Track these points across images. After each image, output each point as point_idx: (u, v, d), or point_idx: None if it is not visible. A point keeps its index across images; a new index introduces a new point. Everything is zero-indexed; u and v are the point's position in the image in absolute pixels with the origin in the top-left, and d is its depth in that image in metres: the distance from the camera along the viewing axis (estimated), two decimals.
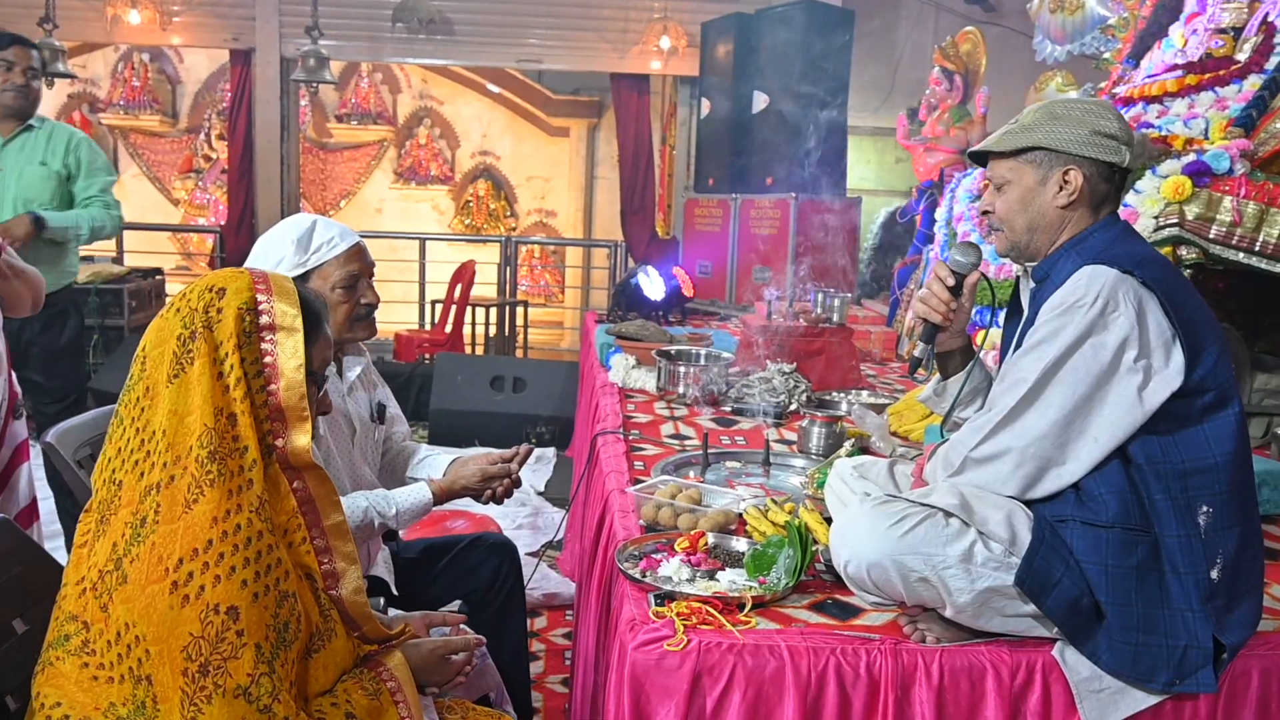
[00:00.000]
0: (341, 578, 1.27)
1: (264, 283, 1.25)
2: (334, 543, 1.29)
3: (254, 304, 1.22)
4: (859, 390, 3.42)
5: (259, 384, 1.20)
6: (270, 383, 1.21)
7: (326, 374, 1.37)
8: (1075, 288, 1.49)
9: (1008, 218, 1.63)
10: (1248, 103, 2.91)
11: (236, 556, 1.11)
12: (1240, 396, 1.49)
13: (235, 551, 1.11)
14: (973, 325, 1.87)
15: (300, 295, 1.27)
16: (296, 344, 1.23)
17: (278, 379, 1.21)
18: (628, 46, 7.19)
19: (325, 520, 1.28)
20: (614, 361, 3.50)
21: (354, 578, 1.27)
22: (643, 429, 2.86)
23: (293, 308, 1.24)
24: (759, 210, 6.25)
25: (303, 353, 1.23)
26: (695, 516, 1.91)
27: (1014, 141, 1.59)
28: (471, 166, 10.09)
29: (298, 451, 1.22)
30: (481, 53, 7.35)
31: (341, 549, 1.30)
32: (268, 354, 1.21)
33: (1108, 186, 1.60)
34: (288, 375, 1.21)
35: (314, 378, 1.29)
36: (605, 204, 9.50)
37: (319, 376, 1.32)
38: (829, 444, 2.57)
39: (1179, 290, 1.50)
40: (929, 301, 1.75)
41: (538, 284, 9.92)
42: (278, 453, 1.23)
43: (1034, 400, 1.50)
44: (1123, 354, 1.46)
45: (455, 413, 5.35)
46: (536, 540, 4.04)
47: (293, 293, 1.26)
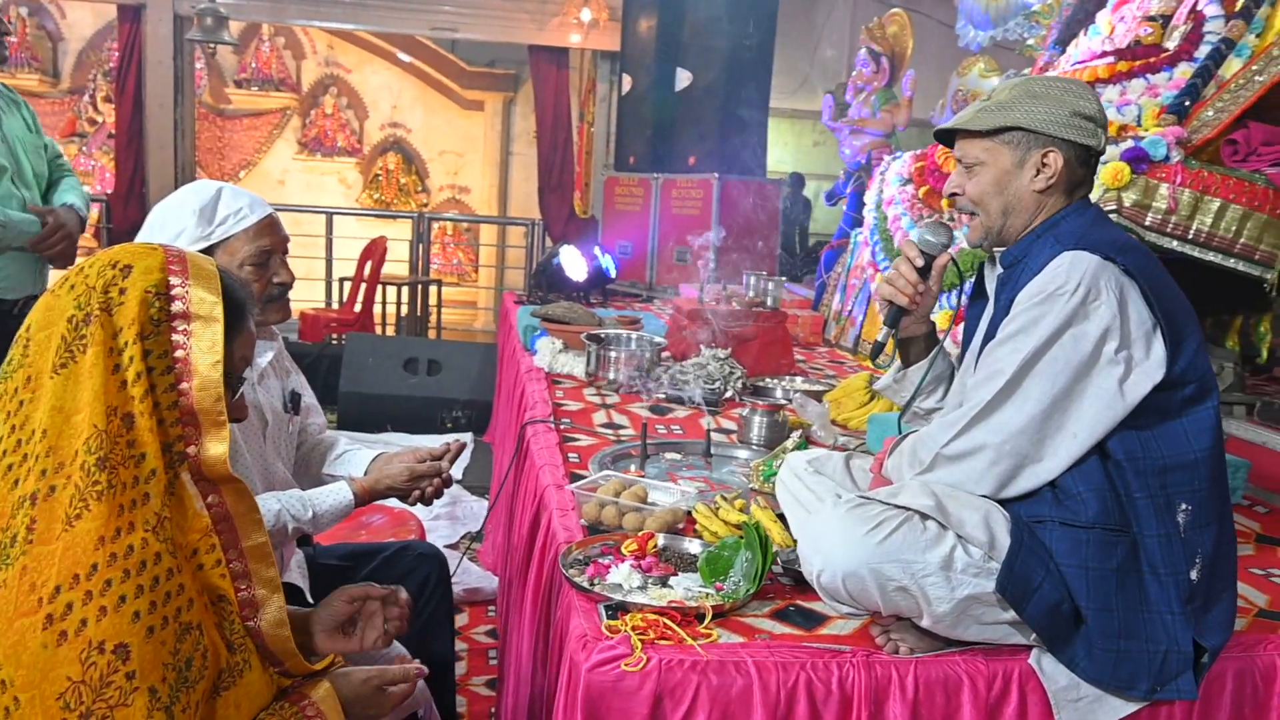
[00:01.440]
0: (261, 607, 1.09)
1: (179, 263, 1.07)
2: (254, 566, 1.11)
3: (165, 287, 1.04)
4: (792, 376, 3.34)
5: (167, 381, 1.02)
6: (181, 380, 1.02)
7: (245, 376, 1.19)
8: (1055, 274, 1.41)
9: (981, 201, 1.53)
10: (1180, 90, 2.92)
11: (127, 584, 0.93)
12: (1218, 388, 1.44)
13: (126, 578, 0.93)
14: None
15: (223, 281, 1.10)
16: (215, 337, 1.05)
17: (190, 376, 1.03)
18: (547, 18, 6.97)
19: (245, 541, 1.11)
20: (540, 345, 3.34)
21: (275, 608, 1.10)
22: (574, 417, 2.71)
23: (213, 295, 1.06)
24: (681, 190, 6.14)
25: (221, 348, 1.05)
26: (642, 516, 1.78)
27: (990, 120, 1.49)
28: (381, 139, 9.70)
29: (213, 461, 1.05)
30: (392, 18, 7.01)
31: (262, 574, 1.12)
32: (179, 347, 1.03)
33: (1084, 170, 1.52)
34: (202, 373, 1.03)
35: (231, 379, 1.11)
36: (521, 181, 9.26)
37: (237, 378, 1.14)
38: (771, 434, 2.47)
39: (1159, 279, 1.44)
40: (896, 283, 1.65)
41: (450, 262, 9.63)
42: (190, 462, 1.04)
43: (1011, 393, 1.41)
44: (1104, 345, 1.38)
45: (366, 396, 5.10)
46: (455, 531, 3.86)
47: (214, 277, 1.09)
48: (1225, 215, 2.70)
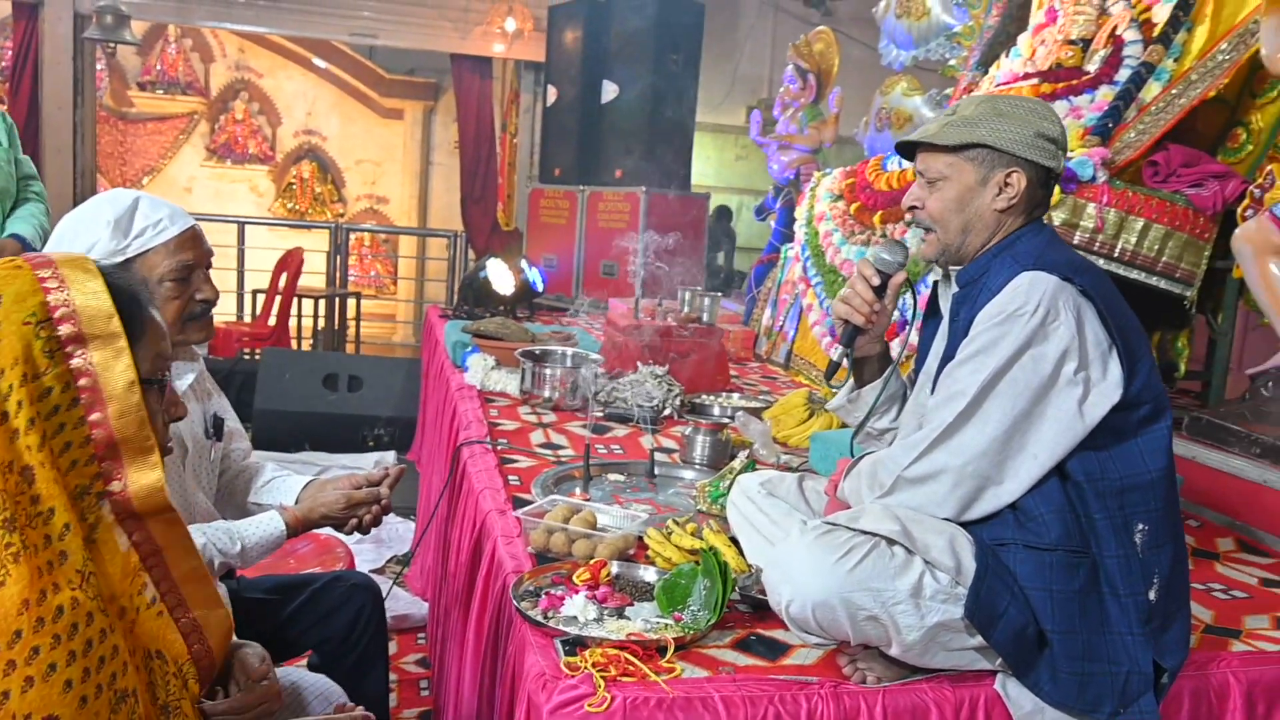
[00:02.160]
0: (205, 627, 0.99)
1: (54, 278, 0.93)
2: (188, 591, 1.01)
3: (47, 311, 0.91)
4: (729, 393, 3.31)
5: (74, 417, 0.90)
6: (91, 411, 0.91)
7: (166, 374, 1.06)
8: (1015, 295, 1.40)
9: (941, 217, 1.52)
10: (1103, 113, 2.99)
11: (57, 650, 0.82)
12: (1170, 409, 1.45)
13: (56, 644, 0.82)
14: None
15: (108, 281, 0.97)
16: (120, 353, 0.93)
17: (102, 405, 0.91)
18: (470, 27, 6.86)
19: (176, 570, 1.00)
20: (471, 362, 3.24)
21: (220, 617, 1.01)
22: (510, 437, 2.63)
23: (103, 304, 0.94)
24: (608, 203, 6.09)
25: (132, 365, 0.94)
26: (593, 543, 1.71)
27: (956, 136, 1.48)
28: (295, 146, 9.41)
29: (146, 491, 0.94)
30: (309, 23, 6.80)
31: (198, 595, 1.02)
32: (82, 374, 0.91)
33: (1043, 192, 1.52)
34: (119, 398, 0.92)
35: (150, 385, 0.99)
36: (442, 192, 9.09)
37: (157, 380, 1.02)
38: (714, 454, 2.43)
39: (1113, 299, 1.44)
40: (851, 302, 1.63)
41: (367, 274, 9.38)
42: (112, 500, 0.93)
43: (972, 415, 1.40)
44: (1063, 366, 1.38)
45: (283, 413, 4.90)
46: (381, 555, 3.72)
47: (96, 279, 0.95)
48: (1149, 234, 2.78)
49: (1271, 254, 2.30)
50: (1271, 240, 2.29)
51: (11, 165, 2.80)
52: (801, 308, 4.09)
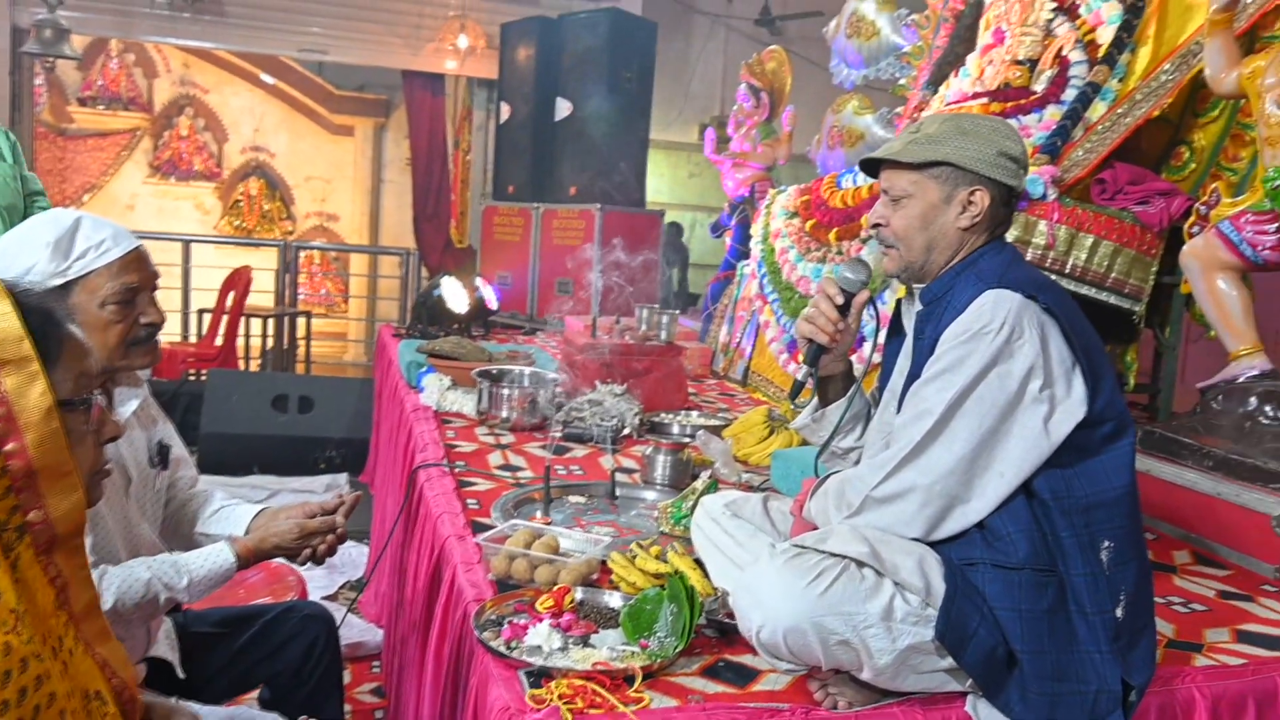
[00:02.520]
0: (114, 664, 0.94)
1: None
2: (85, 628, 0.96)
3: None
4: (687, 411, 3.29)
5: None
6: (6, 441, 0.85)
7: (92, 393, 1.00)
8: (980, 313, 1.40)
9: (905, 235, 1.52)
10: (1051, 131, 3.04)
11: None
12: (1134, 425, 1.46)
13: None
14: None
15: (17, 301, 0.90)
16: (33, 378, 0.87)
17: (18, 434, 0.86)
18: (421, 43, 6.80)
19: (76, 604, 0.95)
20: (427, 382, 3.19)
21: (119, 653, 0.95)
22: (469, 459, 2.58)
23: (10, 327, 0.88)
24: (562, 220, 6.07)
25: (47, 386, 0.88)
26: (555, 568, 1.67)
27: (920, 154, 1.48)
28: (242, 163, 9.24)
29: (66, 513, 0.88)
30: (256, 38, 6.70)
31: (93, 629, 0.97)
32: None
33: (1005, 211, 1.53)
34: (36, 425, 0.86)
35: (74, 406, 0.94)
36: (393, 209, 8.99)
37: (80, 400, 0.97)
38: (675, 473, 2.41)
39: (1075, 317, 1.45)
40: (816, 321, 1.62)
41: (317, 292, 9.23)
42: (33, 533, 0.88)
43: (939, 434, 1.39)
44: (1028, 383, 1.38)
45: (231, 436, 4.78)
46: (334, 581, 3.63)
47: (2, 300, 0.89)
48: (1098, 251, 2.83)
49: (1218, 269, 2.35)
50: (1218, 256, 2.34)
51: (17, 181, 2.75)
52: (758, 324, 4.09)
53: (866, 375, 1.83)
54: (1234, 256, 2.32)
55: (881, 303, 3.09)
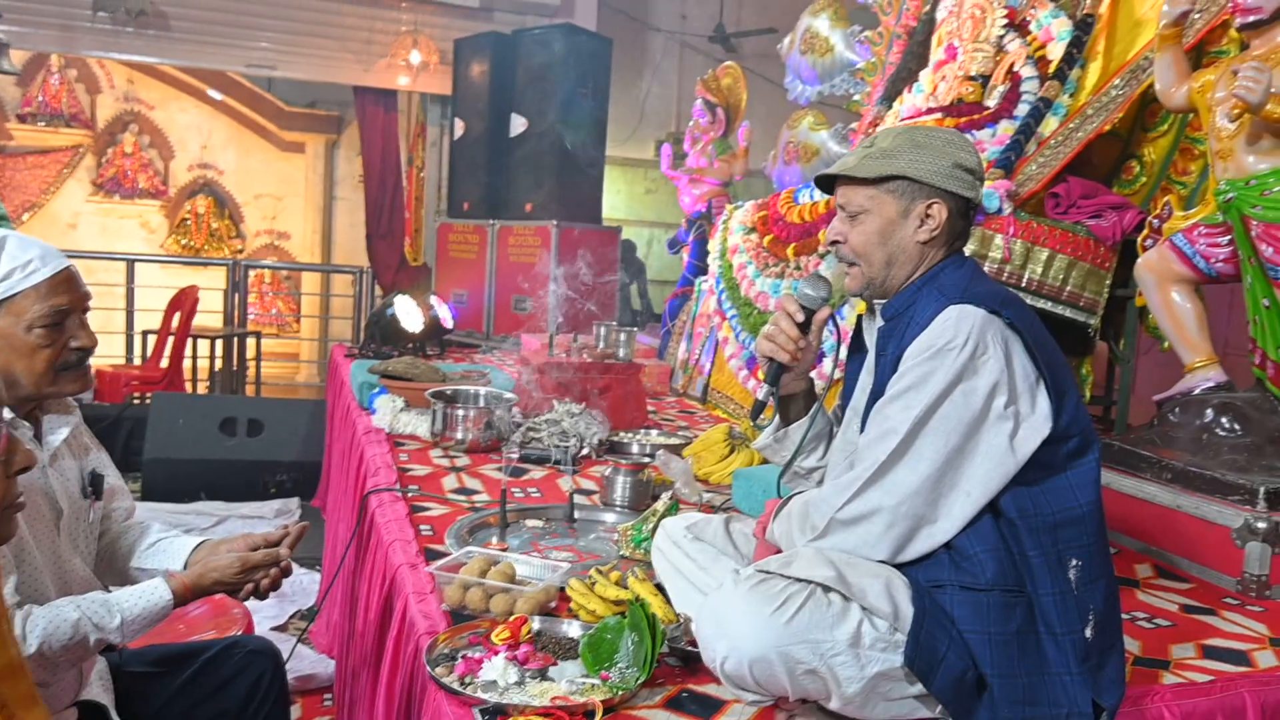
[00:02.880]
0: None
1: None
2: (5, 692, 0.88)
3: None
4: (646, 430, 3.25)
5: None
6: None
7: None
8: (944, 329, 1.38)
9: (865, 251, 1.49)
10: (1005, 146, 3.06)
11: None
12: (1098, 441, 1.44)
13: None
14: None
15: None
16: None
17: None
18: (373, 59, 6.72)
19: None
20: (379, 404, 3.10)
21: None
22: (422, 483, 2.51)
23: None
24: (518, 237, 6.01)
25: None
26: (511, 597, 1.61)
27: (875, 168, 1.46)
28: (189, 180, 9.04)
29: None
30: (202, 53, 6.55)
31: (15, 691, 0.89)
32: None
33: (963, 223, 1.51)
34: None
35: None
36: (346, 227, 8.85)
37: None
38: (635, 494, 2.35)
39: (1039, 332, 1.43)
40: (776, 339, 1.58)
41: (268, 312, 9.05)
42: None
43: (904, 453, 1.36)
44: (993, 400, 1.36)
45: (176, 462, 4.63)
46: (284, 610, 3.51)
47: None
48: (1053, 264, 2.84)
49: (1173, 282, 2.36)
50: (1172, 269, 2.35)
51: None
52: (717, 341, 4.07)
53: (829, 392, 1.80)
54: (1188, 269, 2.34)
55: (841, 318, 3.08)
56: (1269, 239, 2.09)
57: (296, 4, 6.42)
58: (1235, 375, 2.44)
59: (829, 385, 1.81)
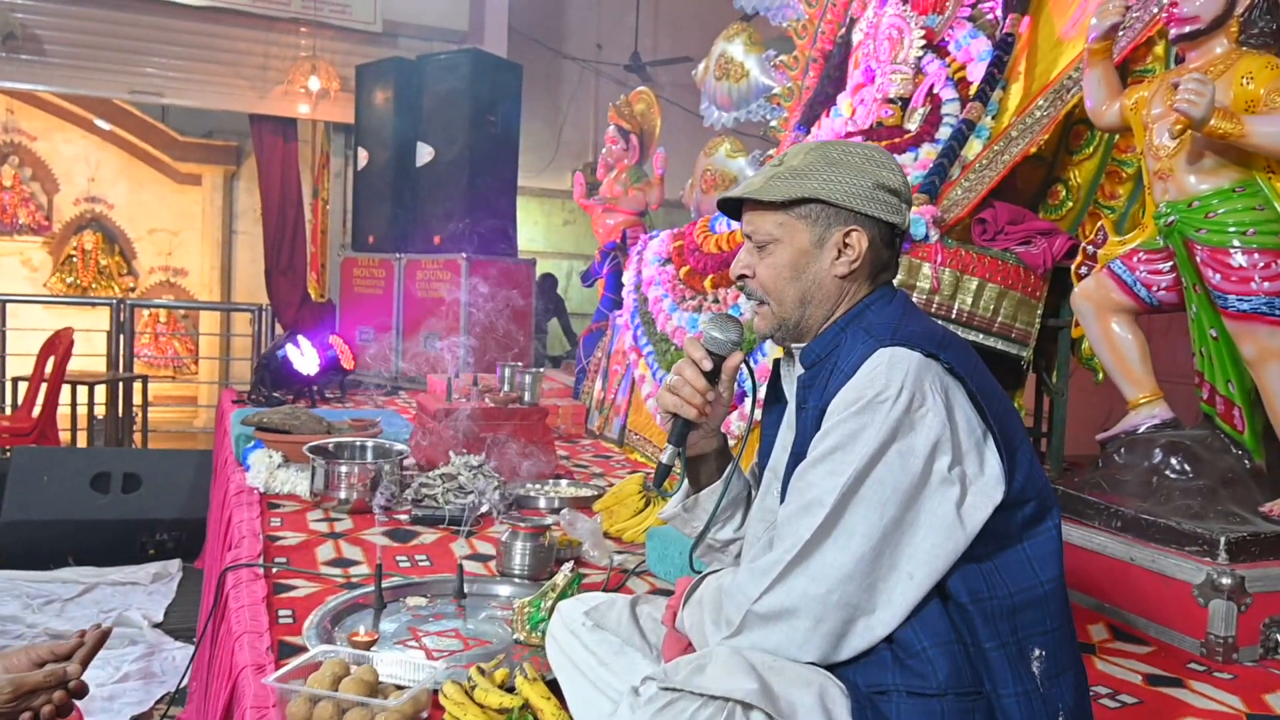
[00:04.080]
0: None
1: None
2: None
3: None
4: (556, 479, 2.97)
5: None
6: None
7: None
8: (873, 377, 1.15)
9: (775, 288, 1.26)
10: (928, 170, 2.90)
11: None
12: (1057, 505, 1.22)
13: None
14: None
15: None
16: None
17: None
18: (269, 86, 6.36)
19: None
20: (253, 460, 2.77)
21: None
22: (293, 554, 2.19)
23: None
24: (427, 271, 5.72)
25: None
26: (369, 712, 1.32)
27: (784, 190, 1.23)
28: (75, 215, 8.47)
29: None
30: (82, 79, 6.11)
31: None
32: None
33: (888, 252, 1.29)
34: None
35: None
36: (247, 262, 8.40)
37: None
38: (536, 561, 2.08)
39: (983, 376, 1.21)
40: (680, 392, 1.33)
41: (164, 354, 8.51)
42: None
43: (832, 529, 1.12)
44: (934, 461, 1.13)
45: (39, 524, 4.17)
46: (151, 692, 3.10)
47: None
48: (984, 294, 2.67)
49: (1112, 312, 2.19)
50: (1111, 297, 2.19)
51: None
52: (633, 379, 3.82)
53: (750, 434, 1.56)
54: (1128, 298, 2.17)
55: (762, 354, 2.86)
56: (1215, 264, 1.94)
57: (184, 28, 6.03)
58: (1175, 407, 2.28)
59: (750, 427, 1.56)
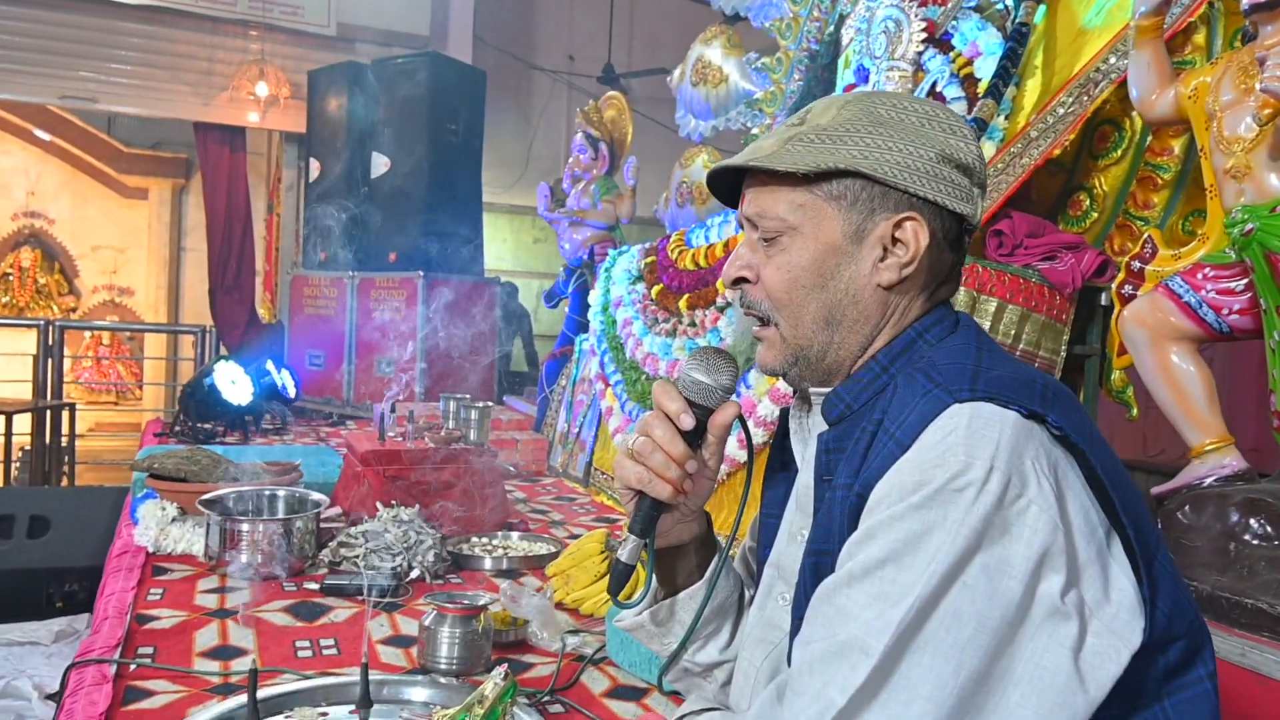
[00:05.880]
0: None
1: None
2: None
3: None
4: (507, 531, 2.55)
5: None
6: None
7: None
8: (946, 450, 0.75)
9: (788, 299, 0.87)
10: None
11: None
12: (1210, 641, 0.82)
13: None
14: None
15: None
16: None
17: None
18: (214, 93, 5.94)
19: None
20: (143, 513, 2.33)
21: None
22: (164, 641, 1.75)
23: None
24: (381, 290, 5.31)
25: None
26: None
27: (807, 158, 0.84)
28: (14, 230, 7.98)
29: None
30: (10, 83, 5.66)
31: None
32: None
33: (953, 256, 0.89)
34: None
35: None
36: (196, 281, 7.94)
37: None
38: (468, 651, 1.65)
39: (1099, 444, 0.81)
40: (649, 460, 0.92)
41: (107, 378, 8.00)
42: None
43: (880, 689, 0.72)
44: (1038, 582, 0.73)
45: None
46: None
47: None
48: (1003, 317, 2.29)
49: (1171, 339, 1.81)
50: (1170, 322, 1.80)
51: None
52: (600, 411, 3.41)
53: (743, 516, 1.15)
54: (1191, 323, 1.79)
55: (746, 386, 2.46)
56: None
57: (122, 29, 5.61)
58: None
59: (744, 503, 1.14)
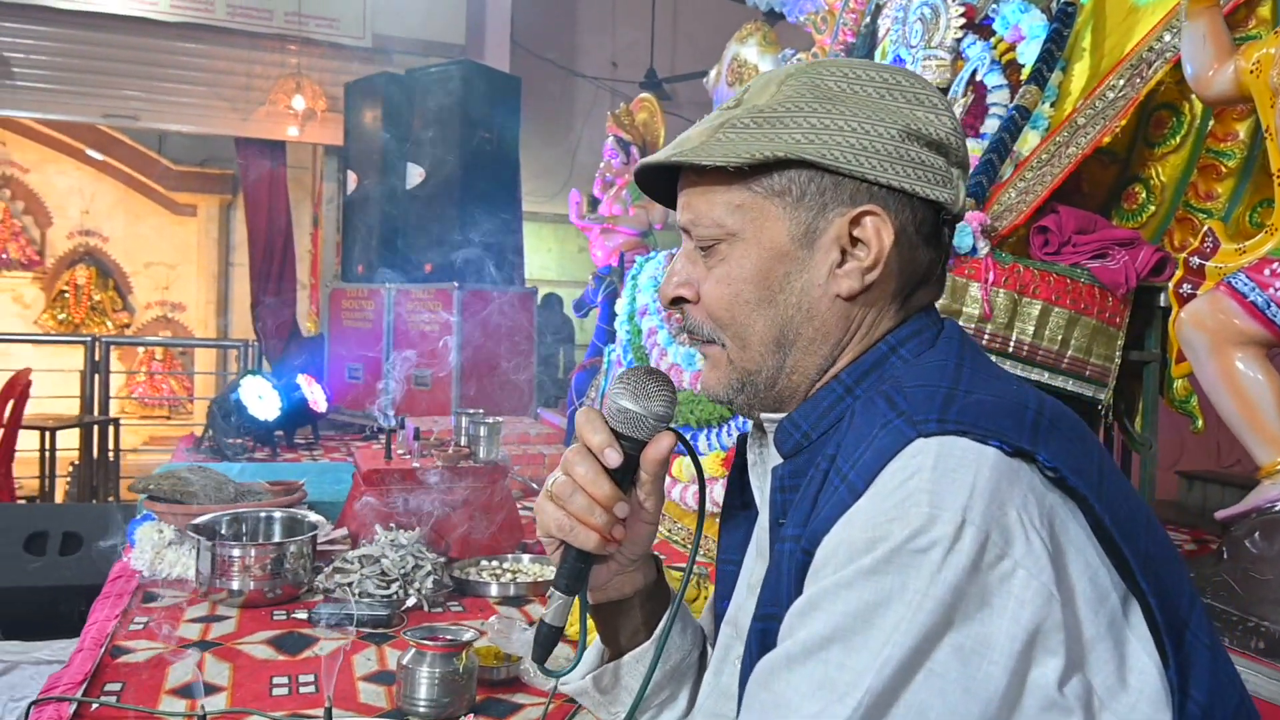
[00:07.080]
0: None
1: None
2: None
3: None
4: (518, 554, 2.42)
5: None
6: None
7: None
8: (905, 498, 0.59)
9: (731, 317, 0.72)
10: (975, 169, 2.34)
11: None
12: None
13: None
14: None
15: None
16: None
17: None
18: (253, 107, 5.96)
19: None
20: (139, 536, 2.27)
21: None
22: (134, 676, 1.66)
23: None
24: (417, 302, 5.25)
25: None
26: None
27: (740, 146, 0.69)
28: (70, 249, 8.15)
29: None
30: (55, 103, 5.75)
31: None
32: None
33: (930, 253, 0.74)
34: None
35: None
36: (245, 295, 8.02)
37: None
38: (448, 691, 1.53)
39: (1116, 482, 0.64)
40: (569, 504, 0.77)
41: (159, 393, 8.12)
42: None
43: None
44: (1029, 667, 0.57)
45: None
46: None
47: None
48: (1049, 321, 2.10)
49: (1235, 344, 1.61)
50: (1234, 325, 1.60)
51: None
52: None
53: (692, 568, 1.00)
54: (1257, 324, 1.59)
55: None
56: None
57: (160, 46, 5.66)
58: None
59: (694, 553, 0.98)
